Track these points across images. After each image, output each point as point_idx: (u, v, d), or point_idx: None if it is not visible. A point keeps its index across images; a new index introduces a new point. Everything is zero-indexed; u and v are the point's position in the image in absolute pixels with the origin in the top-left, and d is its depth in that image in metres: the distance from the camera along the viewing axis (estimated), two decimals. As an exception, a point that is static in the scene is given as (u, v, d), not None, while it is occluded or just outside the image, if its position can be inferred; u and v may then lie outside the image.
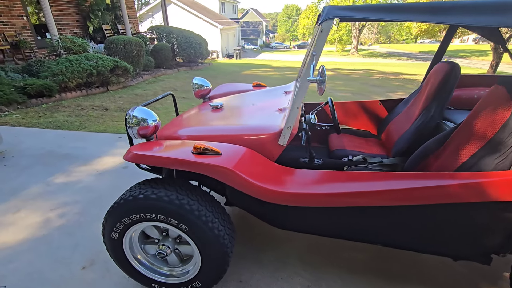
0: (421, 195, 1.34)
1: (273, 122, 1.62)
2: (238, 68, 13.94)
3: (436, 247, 1.51)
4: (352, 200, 1.36)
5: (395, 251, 2.01)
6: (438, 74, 2.04)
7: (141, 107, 1.71)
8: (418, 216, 1.42)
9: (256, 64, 17.03)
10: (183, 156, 1.39)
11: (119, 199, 1.48)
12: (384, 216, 1.45)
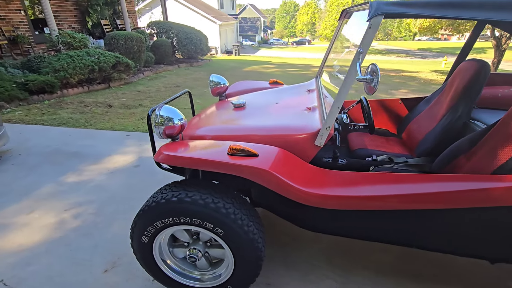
0: (465, 198, 1.31)
1: (308, 121, 1.57)
2: (238, 65, 13.82)
3: (474, 250, 1.49)
4: (395, 203, 1.32)
5: (420, 251, 1.99)
6: (465, 73, 2.01)
7: (167, 105, 1.65)
8: (458, 219, 1.39)
9: (256, 60, 16.92)
10: (219, 158, 1.34)
11: (150, 202, 1.43)
12: (423, 219, 1.42)
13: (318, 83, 2.32)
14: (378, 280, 1.80)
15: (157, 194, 1.46)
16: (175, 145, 1.55)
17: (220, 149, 1.42)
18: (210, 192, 1.41)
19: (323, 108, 1.68)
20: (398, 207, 1.33)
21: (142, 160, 3.34)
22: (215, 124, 1.89)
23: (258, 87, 2.74)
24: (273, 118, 1.79)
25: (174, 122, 1.57)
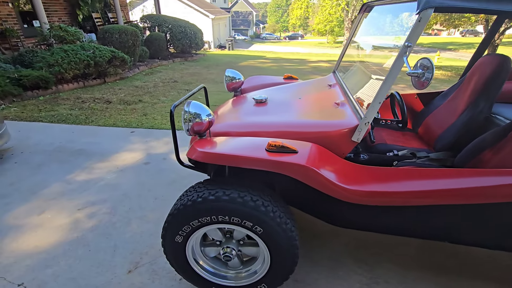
0: (503, 193, 1.32)
1: (343, 117, 1.55)
2: (234, 59, 13.68)
3: (506, 243, 1.51)
4: (439, 199, 1.33)
5: (440, 244, 2.02)
6: (486, 67, 2.02)
7: (195, 101, 1.61)
8: (496, 213, 1.40)
9: (251, 55, 16.78)
10: (259, 154, 1.31)
11: (186, 201, 1.39)
12: (462, 214, 1.42)
13: (338, 78, 2.29)
14: (403, 272, 1.82)
15: (191, 193, 1.43)
16: (208, 142, 1.51)
17: (258, 145, 1.39)
18: (248, 190, 1.38)
19: (354, 103, 1.66)
20: (441, 202, 1.33)
21: (151, 157, 3.27)
22: (239, 120, 1.85)
23: (273, 82, 2.70)
24: (302, 114, 1.76)
25: (202, 118, 1.53)
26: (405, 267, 1.87)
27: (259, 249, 1.51)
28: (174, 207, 1.44)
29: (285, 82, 2.70)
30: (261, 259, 1.52)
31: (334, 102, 1.81)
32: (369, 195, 1.33)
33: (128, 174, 2.91)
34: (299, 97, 2.07)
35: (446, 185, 1.32)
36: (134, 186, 2.71)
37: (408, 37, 1.27)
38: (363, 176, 1.40)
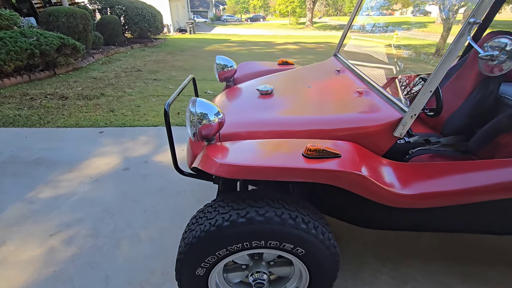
0: None
1: (379, 109, 1.35)
2: (198, 44, 12.91)
3: None
4: (491, 194, 1.21)
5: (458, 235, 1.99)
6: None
7: (200, 99, 1.31)
8: None
9: (215, 39, 16.00)
10: (298, 164, 1.07)
11: (207, 226, 1.12)
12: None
13: (345, 62, 2.09)
14: (429, 268, 1.75)
15: (212, 215, 1.15)
16: (221, 150, 1.23)
17: (292, 151, 1.15)
18: (283, 205, 1.14)
19: (384, 91, 1.47)
20: (500, 197, 1.21)
21: (130, 161, 2.85)
22: (249, 118, 1.57)
23: (267, 69, 2.43)
24: (323, 106, 1.53)
25: (211, 119, 1.24)
26: (427, 260, 1.80)
27: (292, 268, 1.31)
28: (191, 235, 1.15)
29: (281, 68, 2.44)
30: (295, 279, 1.32)
31: (354, 90, 1.60)
32: (420, 198, 1.17)
33: (105, 185, 2.49)
34: (308, 85, 1.83)
35: (500, 177, 1.20)
36: (116, 198, 2.33)
37: (473, 12, 1.08)
38: (409, 176, 1.24)
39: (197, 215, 1.25)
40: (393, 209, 1.20)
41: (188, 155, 1.62)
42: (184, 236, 1.22)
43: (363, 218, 1.44)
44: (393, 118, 1.25)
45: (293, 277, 1.33)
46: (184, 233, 1.26)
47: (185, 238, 1.18)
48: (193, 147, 1.57)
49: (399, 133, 1.24)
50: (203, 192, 2.40)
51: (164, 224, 2.07)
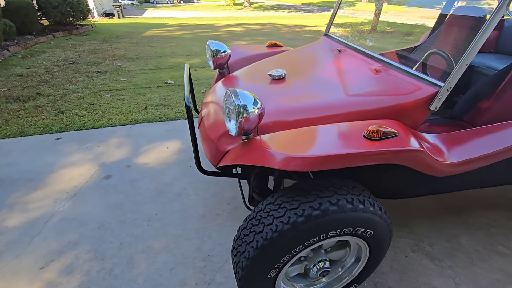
0: None
1: (409, 85, 1.39)
2: (133, 29, 11.69)
3: None
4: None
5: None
6: (464, 20, 2.17)
7: (239, 89, 1.19)
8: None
9: (150, 23, 14.67)
10: (366, 147, 1.05)
11: (279, 226, 1.05)
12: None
13: (343, 41, 2.10)
14: (437, 225, 1.97)
15: (280, 213, 1.08)
16: (277, 142, 1.15)
17: (354, 135, 1.12)
18: (348, 191, 1.13)
19: (401, 66, 1.52)
20: None
21: (109, 167, 2.50)
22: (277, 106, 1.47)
23: (259, 53, 2.33)
24: (350, 88, 1.52)
25: (250, 111, 1.14)
26: (433, 219, 2.02)
27: (347, 249, 1.33)
28: (261, 237, 1.07)
29: (272, 51, 2.36)
30: (352, 257, 1.35)
31: (369, 68, 1.63)
32: (464, 164, 1.27)
33: (88, 198, 2.15)
34: (319, 67, 1.81)
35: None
36: (108, 211, 2.03)
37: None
38: (448, 145, 1.33)
39: (255, 216, 1.16)
40: (438, 178, 1.29)
41: (212, 153, 1.48)
42: (245, 240, 1.13)
43: (403, 190, 1.52)
44: (429, 93, 1.31)
45: (350, 256, 1.35)
46: (240, 239, 1.16)
47: (257, 243, 1.08)
48: (220, 143, 1.43)
49: (434, 107, 1.32)
50: (206, 190, 2.25)
51: (176, 230, 1.90)
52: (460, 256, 1.78)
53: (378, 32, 11.17)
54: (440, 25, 2.54)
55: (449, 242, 1.87)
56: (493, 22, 1.17)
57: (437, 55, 1.70)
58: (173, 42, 8.63)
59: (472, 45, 1.21)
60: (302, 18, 16.89)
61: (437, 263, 1.73)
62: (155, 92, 4.30)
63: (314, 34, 10.52)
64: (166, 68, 5.71)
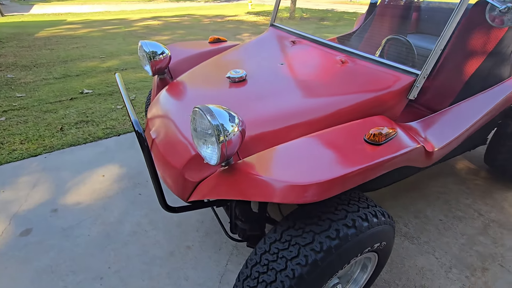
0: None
1: (384, 76, 1.31)
2: (20, 30, 9.59)
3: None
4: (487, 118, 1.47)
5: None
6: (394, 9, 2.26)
7: (212, 105, 0.93)
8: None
9: (43, 21, 12.27)
10: (374, 157, 0.91)
11: (297, 269, 0.85)
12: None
13: (295, 32, 1.94)
14: (401, 203, 2.06)
15: (292, 254, 0.88)
16: (269, 167, 0.93)
17: (355, 144, 0.97)
18: (357, 205, 0.99)
19: (365, 54, 1.45)
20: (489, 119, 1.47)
21: (24, 218, 1.89)
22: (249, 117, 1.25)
23: (202, 51, 2.03)
24: (321, 84, 1.37)
25: (229, 130, 0.91)
26: (397, 198, 2.11)
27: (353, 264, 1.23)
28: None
29: (218, 47, 2.07)
30: (357, 270, 1.25)
31: (334, 60, 1.52)
32: (444, 147, 1.26)
33: (1, 271, 1.58)
34: (279, 63, 1.62)
35: (494, 101, 1.47)
36: (36, 283, 1.52)
37: None
38: (427, 132, 1.31)
39: (258, 260, 0.93)
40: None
41: (177, 184, 1.18)
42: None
43: (385, 182, 1.48)
44: (407, 82, 1.25)
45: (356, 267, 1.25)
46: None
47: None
48: (187, 172, 1.14)
49: (413, 96, 1.27)
50: (166, 220, 1.90)
51: (141, 281, 1.53)
52: (430, 228, 1.88)
53: (296, 19, 11.65)
54: (372, 9, 2.62)
55: (417, 217, 1.97)
56: (460, 10, 1.16)
57: (394, 40, 1.70)
58: (79, 43, 7.38)
59: (444, 31, 1.18)
60: (220, 8, 16.49)
61: (415, 241, 1.79)
62: (69, 106, 3.52)
63: (237, 24, 10.34)
64: (77, 74, 4.79)
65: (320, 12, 13.53)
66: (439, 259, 1.68)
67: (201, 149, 0.98)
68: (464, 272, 1.61)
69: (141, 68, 5.09)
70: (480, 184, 2.28)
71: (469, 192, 2.19)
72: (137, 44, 7.29)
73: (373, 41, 2.18)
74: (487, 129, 1.97)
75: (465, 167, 2.47)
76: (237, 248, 1.73)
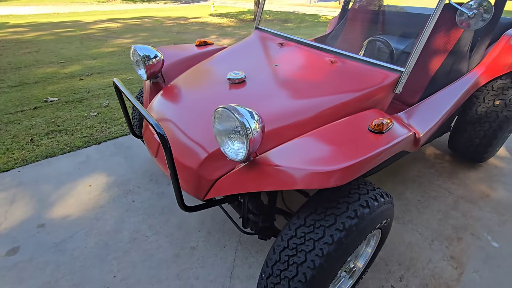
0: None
1: (373, 73, 1.45)
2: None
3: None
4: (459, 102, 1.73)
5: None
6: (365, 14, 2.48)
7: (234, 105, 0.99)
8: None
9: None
10: (379, 144, 1.04)
11: (325, 248, 0.94)
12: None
13: (274, 33, 2.04)
14: (385, 187, 2.26)
15: (319, 235, 0.97)
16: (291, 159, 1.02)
17: (360, 134, 1.09)
18: (366, 188, 1.12)
19: (352, 55, 1.59)
20: None
21: (9, 237, 1.75)
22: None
23: (193, 54, 2.04)
24: (317, 83, 1.48)
25: (252, 128, 0.98)
26: (382, 183, 2.31)
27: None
28: (307, 267, 0.94)
29: (207, 50, 2.09)
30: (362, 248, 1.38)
31: (324, 61, 1.64)
32: (427, 134, 1.44)
33: (36, 266, 1.45)
34: (274, 64, 1.70)
35: (458, 93, 1.70)
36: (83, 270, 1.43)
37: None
38: (413, 120, 1.48)
39: (286, 245, 1.01)
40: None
41: (194, 184, 1.21)
42: (284, 276, 0.97)
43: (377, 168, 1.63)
44: (393, 78, 1.41)
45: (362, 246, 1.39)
46: (275, 277, 1.00)
47: (294, 277, 0.94)
48: (203, 171, 1.18)
49: (398, 90, 1.44)
50: (166, 224, 1.88)
51: (151, 286, 1.52)
52: (411, 209, 2.10)
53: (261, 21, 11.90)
54: (345, 12, 2.83)
55: (400, 200, 2.18)
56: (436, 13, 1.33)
57: (374, 42, 1.88)
58: (30, 47, 6.80)
59: (423, 33, 1.35)
60: (181, 9, 16.16)
61: (400, 221, 1.99)
62: (34, 116, 3.26)
63: (202, 26, 10.24)
64: (36, 82, 4.43)
65: (283, 14, 13.91)
66: (422, 234, 1.89)
67: (226, 146, 1.02)
68: (444, 243, 1.83)
69: (108, 73, 4.86)
70: (447, 166, 2.59)
71: (439, 175, 2.48)
72: (98, 48, 6.96)
73: (350, 42, 2.36)
74: (451, 118, 2.25)
75: (432, 153, 2.78)
76: (241, 243, 1.78)
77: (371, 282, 1.57)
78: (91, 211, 1.97)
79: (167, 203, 2.05)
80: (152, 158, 1.46)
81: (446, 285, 1.58)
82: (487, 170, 2.55)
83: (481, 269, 1.67)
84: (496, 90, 2.15)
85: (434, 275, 1.63)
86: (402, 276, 1.62)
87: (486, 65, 2.00)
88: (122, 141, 2.77)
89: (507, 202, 2.19)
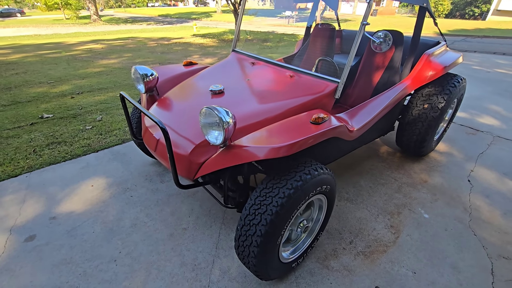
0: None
1: (319, 83, 1.95)
2: None
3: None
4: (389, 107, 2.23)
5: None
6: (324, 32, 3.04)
7: (214, 106, 1.42)
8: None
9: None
10: (316, 130, 1.50)
11: (279, 200, 1.37)
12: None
13: (248, 54, 2.53)
14: (344, 178, 2.73)
15: (275, 192, 1.40)
16: (255, 141, 1.45)
17: (302, 124, 1.55)
18: (310, 163, 1.56)
19: (305, 71, 2.09)
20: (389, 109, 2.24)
21: (25, 228, 2.05)
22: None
23: (180, 73, 2.49)
24: (280, 92, 1.96)
25: (228, 121, 1.43)
26: (342, 175, 2.79)
27: (311, 209, 1.79)
28: (268, 214, 1.36)
29: (193, 69, 2.55)
30: (315, 213, 1.81)
31: (285, 76, 2.14)
32: (361, 128, 1.93)
33: (18, 270, 1.75)
34: (246, 79, 2.18)
35: (388, 99, 2.22)
36: (56, 273, 1.74)
37: (364, 18, 1.82)
38: (350, 119, 1.97)
39: (254, 202, 1.42)
40: (348, 141, 1.92)
41: (186, 168, 1.63)
42: (252, 223, 1.39)
43: (332, 156, 2.10)
44: (333, 87, 1.91)
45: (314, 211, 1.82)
46: (246, 225, 1.41)
47: (259, 223, 1.36)
48: (193, 157, 1.60)
49: (337, 95, 1.93)
50: (161, 212, 2.25)
51: (150, 257, 1.87)
52: (363, 193, 2.58)
53: (241, 41, 12.61)
54: (307, 36, 3.40)
55: (355, 187, 2.65)
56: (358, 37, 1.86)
57: (323, 60, 2.41)
58: (17, 69, 7.03)
59: (350, 53, 1.87)
60: (164, 30, 16.72)
61: (354, 202, 2.45)
62: (32, 131, 3.56)
63: (185, 46, 10.78)
64: (28, 101, 4.71)
65: (263, 34, 14.76)
66: (370, 211, 2.36)
67: (209, 135, 1.45)
68: (386, 216, 2.30)
69: (98, 92, 5.20)
70: (396, 160, 3.11)
71: (388, 167, 2.99)
72: (86, 69, 7.30)
73: (309, 60, 2.90)
74: (392, 119, 2.79)
75: (385, 150, 3.31)
76: (224, 224, 2.17)
77: (328, 246, 2.00)
78: (95, 205, 2.30)
79: (161, 196, 2.42)
80: (151, 151, 1.85)
81: (385, 245, 2.03)
82: (428, 162, 3.09)
83: (413, 233, 2.15)
84: (425, 96, 2.73)
85: (377, 239, 2.09)
86: (352, 241, 2.06)
87: (412, 77, 2.57)
88: (118, 149, 3.13)
89: (440, 186, 2.71)
